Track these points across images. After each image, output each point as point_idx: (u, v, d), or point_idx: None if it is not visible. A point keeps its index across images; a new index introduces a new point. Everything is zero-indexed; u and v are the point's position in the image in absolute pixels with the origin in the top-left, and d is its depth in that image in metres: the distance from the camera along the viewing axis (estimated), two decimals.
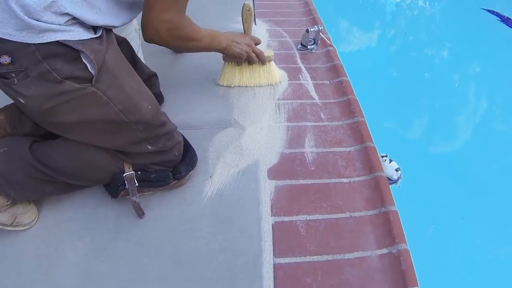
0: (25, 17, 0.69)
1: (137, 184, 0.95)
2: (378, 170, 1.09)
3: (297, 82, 1.45)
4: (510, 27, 4.59)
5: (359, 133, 1.21)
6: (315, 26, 1.64)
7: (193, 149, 1.07)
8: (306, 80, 1.46)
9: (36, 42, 0.72)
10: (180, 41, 1.09)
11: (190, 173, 1.04)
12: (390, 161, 1.42)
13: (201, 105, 1.33)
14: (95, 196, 1.02)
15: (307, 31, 1.58)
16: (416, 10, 5.72)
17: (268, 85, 1.42)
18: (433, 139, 2.97)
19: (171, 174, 1.00)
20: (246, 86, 1.41)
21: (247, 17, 1.30)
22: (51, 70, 0.75)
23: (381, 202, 1.01)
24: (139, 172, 0.97)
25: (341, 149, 1.17)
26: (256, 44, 1.32)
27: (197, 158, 1.07)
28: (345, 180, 1.08)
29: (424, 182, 2.39)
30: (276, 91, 1.39)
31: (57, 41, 0.75)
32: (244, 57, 1.30)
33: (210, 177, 1.07)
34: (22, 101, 0.77)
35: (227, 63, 1.38)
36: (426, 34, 4.88)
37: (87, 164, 0.94)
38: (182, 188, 1.04)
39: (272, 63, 1.41)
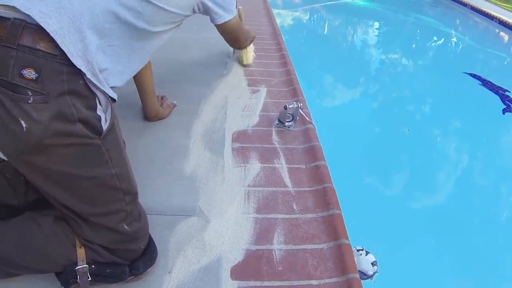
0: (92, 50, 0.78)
1: (90, 279, 0.92)
2: (351, 272, 1.06)
3: (271, 165, 1.43)
4: (491, 90, 4.80)
5: (333, 228, 1.18)
6: (293, 102, 1.63)
7: (154, 243, 1.05)
8: (281, 163, 1.44)
9: (88, 77, 0.76)
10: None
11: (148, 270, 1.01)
12: (367, 253, 1.38)
13: (166, 186, 1.30)
14: (47, 278, 0.96)
15: (285, 107, 1.57)
16: (400, 67, 5.95)
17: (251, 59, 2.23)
18: (414, 195, 3.02)
19: (127, 269, 0.97)
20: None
21: (241, 16, 2.16)
22: (72, 106, 0.74)
23: None
24: (93, 266, 0.93)
25: (313, 246, 1.14)
26: None
27: (157, 254, 1.04)
28: (314, 282, 1.04)
29: (404, 237, 2.43)
30: (247, 176, 1.37)
31: (85, 83, 0.77)
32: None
33: (169, 272, 1.03)
34: (24, 124, 0.70)
35: (242, 50, 2.16)
36: (409, 90, 5.05)
37: (35, 255, 0.89)
38: (139, 282, 1.00)
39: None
